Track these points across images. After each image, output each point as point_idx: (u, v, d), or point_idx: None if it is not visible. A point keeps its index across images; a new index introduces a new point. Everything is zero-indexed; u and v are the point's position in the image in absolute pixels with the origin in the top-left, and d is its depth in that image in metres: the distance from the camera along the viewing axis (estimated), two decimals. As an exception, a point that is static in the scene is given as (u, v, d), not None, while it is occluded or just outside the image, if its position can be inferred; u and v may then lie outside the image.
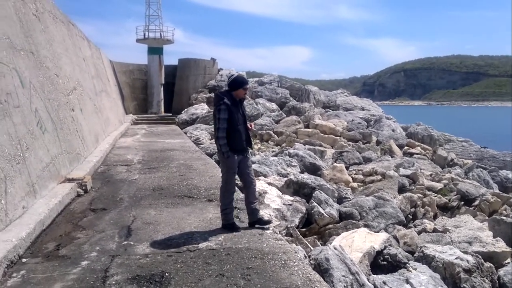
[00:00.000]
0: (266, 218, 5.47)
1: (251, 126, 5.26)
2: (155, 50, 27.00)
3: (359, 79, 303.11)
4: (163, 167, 9.74)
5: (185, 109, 23.71)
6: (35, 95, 6.99)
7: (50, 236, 4.98)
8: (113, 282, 3.69)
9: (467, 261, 5.59)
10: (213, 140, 16.56)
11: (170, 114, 25.95)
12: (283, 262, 4.19)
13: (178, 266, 4.06)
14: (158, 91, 27.00)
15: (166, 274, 3.87)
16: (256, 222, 5.25)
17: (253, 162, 10.10)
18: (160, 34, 27.48)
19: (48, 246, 4.62)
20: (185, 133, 18.32)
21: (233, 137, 4.97)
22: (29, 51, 7.39)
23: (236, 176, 5.27)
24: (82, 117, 10.85)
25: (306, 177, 8.94)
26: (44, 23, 9.24)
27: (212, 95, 25.36)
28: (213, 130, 17.62)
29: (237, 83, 5.09)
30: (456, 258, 5.62)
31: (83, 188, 7.23)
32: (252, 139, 5.36)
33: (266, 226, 5.24)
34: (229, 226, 5.16)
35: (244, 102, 5.34)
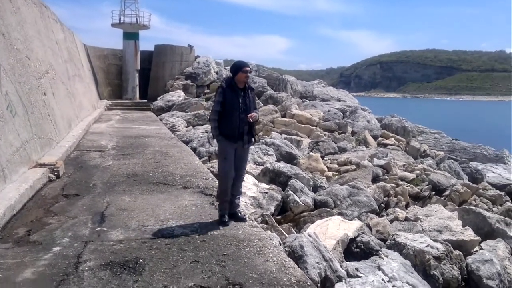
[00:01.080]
0: (242, 215, 5.22)
1: (251, 116, 4.81)
2: (131, 35, 26.45)
3: (336, 70, 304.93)
4: (138, 154, 9.62)
5: (161, 96, 23.42)
6: (5, 78, 6.78)
7: (21, 222, 4.86)
8: (86, 268, 3.64)
9: (437, 249, 5.73)
10: (189, 127, 16.51)
11: (146, 100, 25.57)
12: (258, 249, 4.21)
13: (153, 252, 4.03)
14: (134, 77, 26.52)
15: (141, 260, 3.84)
16: (232, 215, 5.07)
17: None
18: (136, 19, 26.89)
19: (19, 232, 4.52)
20: (161, 120, 18.11)
21: (225, 122, 4.83)
22: (0, 33, 7.14)
23: None
24: (55, 102, 10.58)
25: (282, 166, 8.97)
26: (15, 5, 8.94)
27: (189, 82, 25.18)
28: (189, 118, 17.37)
29: (235, 67, 4.92)
30: (426, 246, 5.75)
31: (55, 173, 7.08)
32: (254, 131, 5.02)
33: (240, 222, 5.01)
34: (220, 217, 4.98)
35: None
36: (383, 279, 4.04)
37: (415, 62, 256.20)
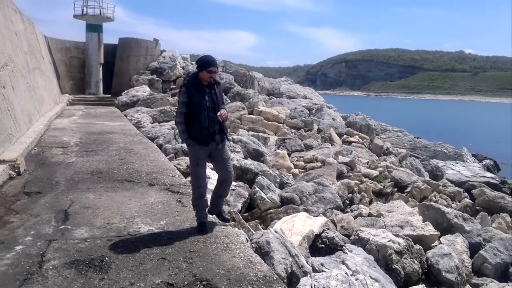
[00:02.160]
0: (226, 215, 5.03)
1: (221, 115, 4.47)
2: (94, 28, 25.81)
3: (302, 68, 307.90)
4: (102, 150, 9.44)
5: (126, 91, 22.95)
6: (-38, 70, 6.51)
7: (-20, 220, 4.70)
8: (50, 267, 3.57)
9: (399, 243, 5.93)
10: (155, 123, 16.30)
11: (109, 95, 25.05)
12: (225, 245, 4.23)
13: (119, 250, 3.99)
14: (97, 71, 25.92)
15: (106, 258, 3.79)
16: (217, 214, 4.88)
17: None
18: (100, 10, 26.26)
19: (-22, 231, 4.37)
20: (125, 115, 17.79)
21: (193, 124, 4.45)
22: (-45, 22, 6.85)
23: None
24: (14, 95, 10.23)
25: (249, 163, 9.02)
26: (-28, -7, 8.58)
27: (154, 77, 24.81)
28: (154, 114, 17.11)
29: (201, 63, 4.49)
30: (388, 241, 5.94)
31: (16, 170, 6.88)
32: (225, 129, 4.68)
33: (223, 223, 4.88)
34: (198, 225, 4.65)
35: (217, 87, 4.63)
36: (346, 273, 4.15)
37: (379, 61, 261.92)
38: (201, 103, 4.42)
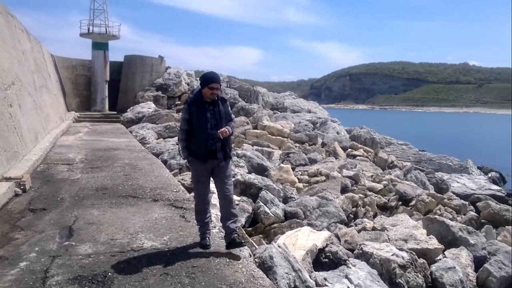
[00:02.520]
0: (239, 239, 4.61)
1: (221, 132, 4.32)
2: (100, 46, 26.20)
3: (306, 82, 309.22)
4: (107, 167, 9.51)
5: (131, 108, 23.18)
6: (-30, 89, 6.64)
7: (-15, 237, 4.76)
8: (54, 283, 3.61)
9: (402, 257, 5.91)
10: (160, 139, 16.41)
11: (115, 112, 25.30)
12: (227, 260, 4.25)
13: (122, 266, 4.02)
14: (103, 88, 26.22)
15: (109, 274, 3.83)
16: (231, 243, 4.47)
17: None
18: (106, 29, 26.70)
19: (-17, 248, 4.43)
20: (131, 132, 17.93)
21: (192, 141, 4.41)
22: (-36, 42, 7.01)
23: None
24: (21, 114, 10.37)
25: (253, 177, 9.06)
26: (-19, 14, 8.78)
27: (159, 93, 25.03)
28: (159, 130, 17.21)
29: (203, 79, 4.42)
30: (392, 255, 5.93)
31: (22, 187, 6.94)
32: (228, 146, 4.50)
33: (239, 247, 4.54)
34: (200, 240, 4.54)
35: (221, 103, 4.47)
36: (348, 287, 4.15)
37: (383, 74, 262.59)
38: (201, 121, 4.35)
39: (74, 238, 4.78)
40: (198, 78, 29.62)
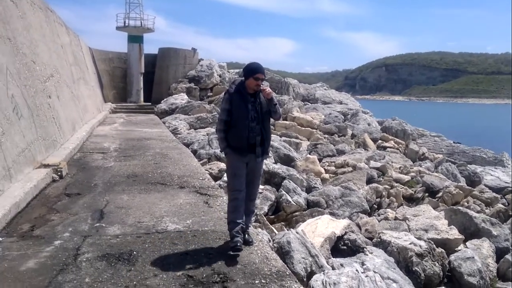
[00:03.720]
0: (250, 237, 4.53)
1: (264, 90, 4.22)
2: (135, 39, 26.91)
3: (341, 73, 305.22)
4: (139, 156, 9.94)
5: (165, 99, 23.79)
6: (12, 81, 7.13)
7: (25, 218, 5.19)
8: (84, 259, 3.96)
9: (420, 246, 6.01)
10: (191, 130, 16.83)
11: (149, 103, 25.99)
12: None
13: (146, 246, 4.34)
14: (138, 80, 26.97)
15: (134, 252, 4.15)
16: (245, 242, 4.36)
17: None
18: (141, 22, 27.36)
19: (23, 227, 4.85)
20: (164, 123, 18.45)
21: (233, 132, 4.22)
22: (6, 37, 7.50)
23: None
24: (59, 104, 10.94)
25: (278, 167, 9.27)
26: (22, 10, 9.31)
27: (192, 85, 25.50)
28: (191, 120, 17.57)
29: (247, 70, 4.26)
30: (410, 244, 6.03)
31: (59, 173, 7.41)
32: (268, 142, 4.36)
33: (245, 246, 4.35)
34: (232, 248, 4.11)
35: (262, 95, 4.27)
36: (357, 270, 4.31)
37: (421, 65, 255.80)
38: (242, 112, 4.18)
39: (105, 220, 5.14)
40: (231, 70, 30.02)
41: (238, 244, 4.10)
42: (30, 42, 9.45)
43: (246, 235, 4.48)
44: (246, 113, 4.17)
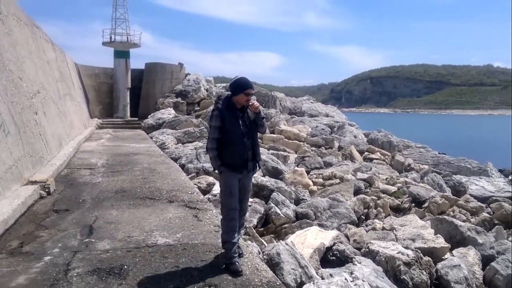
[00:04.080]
0: (241, 251, 4.48)
1: (253, 104, 4.16)
2: (122, 54, 26.95)
3: (327, 86, 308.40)
4: (127, 171, 9.93)
5: (152, 114, 23.77)
6: (-1, 99, 7.11)
7: (14, 235, 5.16)
8: (75, 274, 3.96)
9: (407, 255, 6.09)
10: (179, 144, 16.84)
11: (136, 118, 25.95)
12: (235, 255, 4.53)
13: (137, 260, 4.35)
14: (124, 95, 26.94)
15: (125, 267, 4.16)
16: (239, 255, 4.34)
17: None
18: (127, 37, 27.44)
19: (12, 244, 4.82)
20: (151, 137, 18.42)
21: (227, 150, 4.11)
22: (-7, 55, 7.50)
23: None
24: (46, 121, 10.90)
25: (266, 180, 9.34)
26: (8, 26, 9.32)
27: (179, 99, 25.54)
28: (179, 135, 17.57)
29: (237, 86, 4.16)
30: (397, 253, 6.11)
31: (46, 190, 7.38)
32: (258, 156, 4.31)
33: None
34: (229, 265, 4.13)
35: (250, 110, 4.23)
36: (346, 279, 4.38)
37: (405, 77, 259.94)
38: (235, 128, 4.10)
39: (94, 236, 5.14)
40: (218, 85, 30.15)
41: (237, 263, 4.10)
42: (17, 58, 9.45)
43: (238, 249, 4.41)
44: (239, 130, 4.10)
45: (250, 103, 4.18)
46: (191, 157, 12.81)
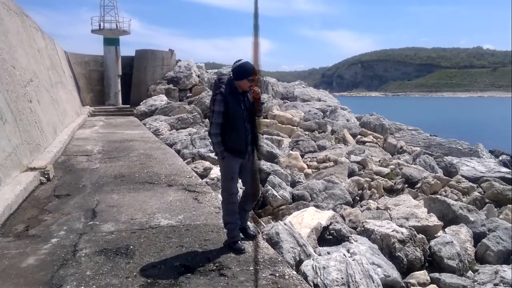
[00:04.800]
0: (251, 231, 4.62)
1: (255, 90, 4.13)
2: (111, 41, 26.73)
3: (318, 71, 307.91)
4: (124, 157, 10.01)
5: (144, 101, 23.68)
6: (-5, 87, 7.14)
7: (18, 219, 5.27)
8: (83, 255, 4.09)
9: (402, 233, 6.29)
10: (173, 130, 16.89)
11: (128, 105, 25.87)
12: (236, 234, 4.67)
13: (142, 240, 4.48)
14: (115, 83, 26.80)
15: (131, 247, 4.29)
16: (241, 229, 4.46)
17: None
18: (116, 25, 27.16)
19: (18, 228, 4.93)
20: (144, 124, 18.43)
21: (230, 135, 4.09)
22: (-12, 43, 7.50)
23: None
24: (40, 109, 10.91)
25: (261, 164, 9.47)
26: (-1, 15, 9.27)
27: (171, 86, 25.46)
28: (172, 121, 17.60)
29: (242, 71, 4.08)
30: (392, 231, 6.31)
31: (46, 176, 7.46)
32: (258, 140, 4.36)
33: (248, 239, 4.47)
34: (232, 244, 4.26)
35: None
36: (344, 254, 4.55)
37: (395, 61, 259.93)
38: (239, 114, 4.08)
39: (98, 219, 5.26)
40: (209, 71, 30.05)
41: (240, 242, 4.24)
42: (9, 47, 9.42)
43: (249, 230, 4.56)
44: (242, 115, 4.10)
45: (253, 89, 4.16)
46: (186, 142, 12.89)
